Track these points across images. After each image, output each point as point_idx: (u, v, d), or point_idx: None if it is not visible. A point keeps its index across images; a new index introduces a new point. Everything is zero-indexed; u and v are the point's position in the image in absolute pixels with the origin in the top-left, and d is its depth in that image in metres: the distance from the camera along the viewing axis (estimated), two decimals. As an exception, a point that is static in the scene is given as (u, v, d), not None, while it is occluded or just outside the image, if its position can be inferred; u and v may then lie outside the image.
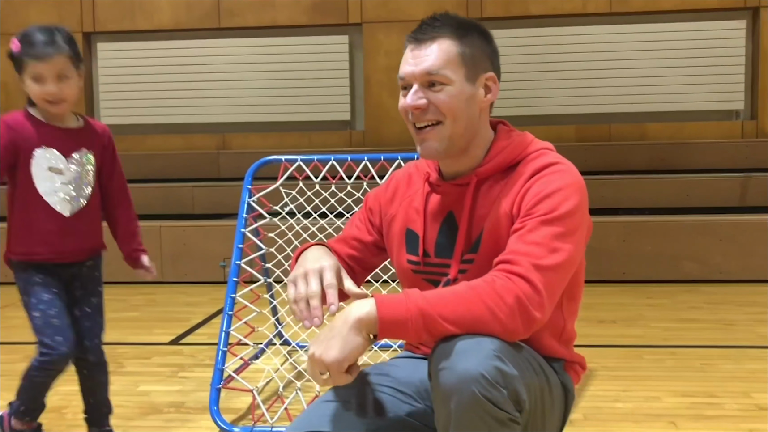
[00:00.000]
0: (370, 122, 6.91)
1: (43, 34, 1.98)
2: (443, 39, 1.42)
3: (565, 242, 1.34)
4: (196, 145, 7.03)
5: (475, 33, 1.46)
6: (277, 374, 2.89)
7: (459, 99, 1.42)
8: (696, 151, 6.38)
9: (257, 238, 2.91)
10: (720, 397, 2.72)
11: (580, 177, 1.43)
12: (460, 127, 1.43)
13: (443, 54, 1.41)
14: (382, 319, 1.25)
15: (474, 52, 1.44)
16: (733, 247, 5.05)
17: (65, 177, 2.08)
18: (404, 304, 1.26)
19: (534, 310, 1.27)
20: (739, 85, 6.56)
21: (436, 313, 1.25)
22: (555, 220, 1.35)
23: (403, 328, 1.25)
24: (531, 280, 1.28)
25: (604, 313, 4.23)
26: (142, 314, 4.48)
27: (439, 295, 1.28)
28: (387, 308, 1.26)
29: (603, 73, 6.63)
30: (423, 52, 1.42)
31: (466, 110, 1.43)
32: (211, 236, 5.44)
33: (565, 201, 1.36)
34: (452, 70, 1.41)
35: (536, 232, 1.34)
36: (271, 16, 6.94)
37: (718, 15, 6.57)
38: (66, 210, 2.09)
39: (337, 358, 1.24)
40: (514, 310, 1.26)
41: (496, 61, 1.49)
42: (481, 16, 6.69)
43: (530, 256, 1.31)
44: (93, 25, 7.07)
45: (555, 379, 1.45)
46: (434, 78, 1.41)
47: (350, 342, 1.25)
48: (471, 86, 1.43)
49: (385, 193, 1.63)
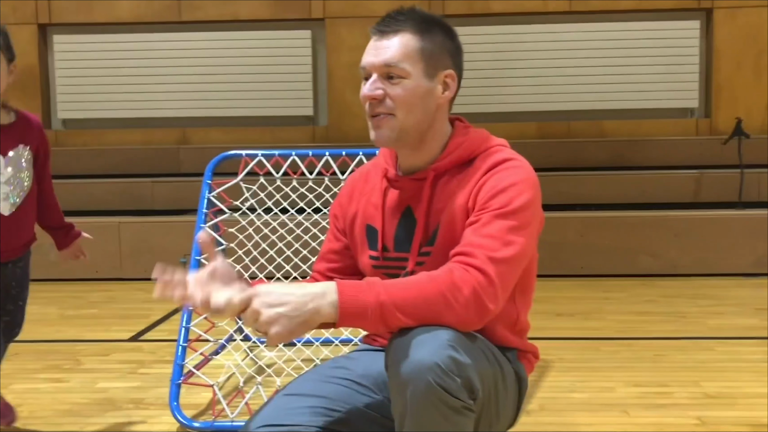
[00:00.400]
0: (333, 117, 6.91)
1: None
2: (405, 33, 1.45)
3: (518, 235, 1.38)
4: (155, 140, 6.94)
5: (439, 29, 1.49)
6: (238, 369, 2.89)
7: (414, 93, 1.45)
8: (652, 148, 6.53)
9: (217, 233, 2.90)
10: (671, 387, 2.81)
11: (534, 173, 1.47)
12: (413, 120, 1.46)
13: (403, 48, 1.44)
14: (343, 308, 1.26)
15: (434, 48, 1.47)
16: (687, 242, 5.19)
17: (2, 176, 2.05)
18: (365, 292, 1.27)
19: (488, 302, 1.31)
20: (694, 84, 6.73)
21: (394, 304, 1.27)
22: (509, 214, 1.39)
23: (362, 317, 1.27)
24: (486, 271, 1.32)
25: (563, 306, 4.31)
26: (100, 311, 4.42)
27: (399, 284, 1.31)
28: (347, 296, 1.27)
29: (563, 70, 6.74)
30: (384, 44, 1.45)
31: (421, 105, 1.46)
32: (171, 232, 5.38)
33: (518, 196, 1.41)
34: (410, 64, 1.44)
35: (491, 225, 1.38)
36: (232, 9, 6.88)
37: (674, 15, 6.73)
38: (6, 209, 2.07)
39: (280, 334, 1.25)
40: (470, 301, 1.30)
41: (458, 58, 1.52)
42: (444, 12, 6.73)
43: (485, 249, 1.35)
44: (49, 17, 6.92)
45: (509, 367, 1.49)
46: (392, 70, 1.44)
47: (299, 327, 1.25)
48: (429, 81, 1.47)
49: (344, 195, 1.66)
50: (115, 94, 6.93)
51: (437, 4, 6.75)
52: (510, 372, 1.49)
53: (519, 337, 1.57)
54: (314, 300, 1.26)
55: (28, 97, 6.96)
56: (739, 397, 2.67)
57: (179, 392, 2.47)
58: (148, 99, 6.93)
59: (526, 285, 1.54)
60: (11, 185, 2.06)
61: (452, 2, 6.76)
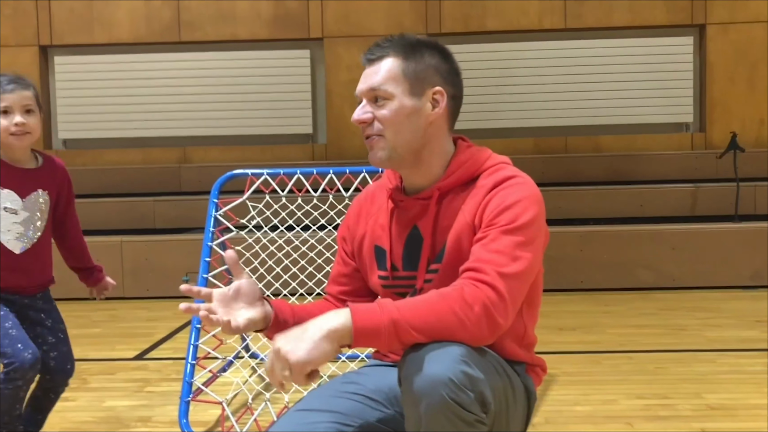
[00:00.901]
0: (331, 135, 6.97)
1: (6, 76, 2.13)
2: (389, 57, 1.52)
3: (526, 251, 1.42)
4: (156, 159, 6.99)
5: (426, 51, 1.53)
6: (246, 386, 2.92)
7: (400, 113, 1.50)
8: (648, 162, 6.61)
9: (224, 251, 2.93)
10: (673, 399, 2.85)
11: (537, 189, 1.51)
12: (403, 138, 1.51)
13: (386, 71, 1.51)
14: (357, 329, 1.30)
15: (419, 67, 1.51)
16: (685, 255, 5.24)
17: (19, 217, 2.14)
18: (378, 314, 1.31)
19: (499, 317, 1.35)
20: (688, 99, 6.82)
21: (407, 323, 1.31)
22: (515, 229, 1.43)
23: (376, 337, 1.31)
24: (496, 287, 1.36)
25: (564, 320, 4.35)
26: (104, 330, 4.44)
27: (411, 304, 1.35)
28: (361, 318, 1.31)
29: (559, 87, 6.82)
30: (371, 71, 1.53)
31: (408, 123, 1.51)
32: (173, 251, 5.42)
33: (524, 212, 1.45)
34: (394, 85, 1.50)
35: (498, 241, 1.42)
36: (231, 29, 6.96)
37: (667, 32, 6.83)
38: (17, 248, 2.15)
39: (303, 359, 1.26)
40: (481, 318, 1.33)
41: (451, 77, 1.55)
42: (440, 31, 6.82)
43: (494, 264, 1.38)
44: (50, 38, 6.99)
45: (518, 381, 1.53)
46: (377, 93, 1.51)
47: (319, 348, 1.28)
48: (415, 100, 1.51)
49: (351, 217, 1.70)
50: (116, 114, 6.99)
51: (434, 21, 6.84)
52: (519, 385, 1.52)
53: (527, 351, 1.60)
54: (329, 324, 1.30)
55: (29, 118, 7.00)
56: (740, 409, 2.71)
57: (188, 409, 2.50)
58: (148, 119, 6.98)
59: (533, 299, 1.58)
60: (24, 227, 2.15)
61: (448, 20, 6.86)
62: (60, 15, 6.98)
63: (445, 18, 6.86)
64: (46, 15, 6.98)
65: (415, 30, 6.76)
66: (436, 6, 6.85)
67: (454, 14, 6.85)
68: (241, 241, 3.16)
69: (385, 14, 6.87)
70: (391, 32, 1.61)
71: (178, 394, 2.79)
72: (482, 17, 6.84)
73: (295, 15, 6.93)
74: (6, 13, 6.97)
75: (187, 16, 6.96)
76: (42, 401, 2.34)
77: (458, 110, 1.59)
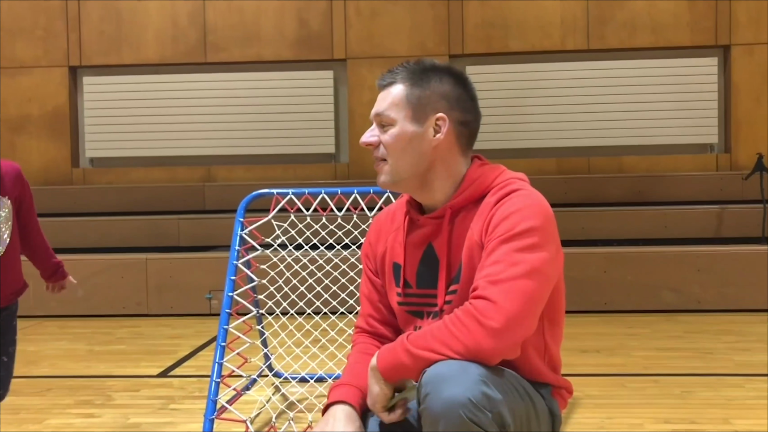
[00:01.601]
0: (354, 155, 7.02)
1: None
2: (397, 84, 1.56)
3: (526, 253, 1.41)
4: (181, 178, 7.08)
5: (435, 77, 1.55)
6: (270, 405, 2.92)
7: (401, 138, 1.54)
8: (672, 183, 6.56)
9: (249, 270, 2.96)
10: (701, 424, 2.80)
11: (543, 201, 1.50)
12: (405, 163, 1.54)
13: (391, 98, 1.56)
14: (381, 367, 1.43)
15: (424, 94, 1.54)
16: (710, 278, 5.18)
17: None
18: (393, 350, 1.42)
19: (489, 320, 1.35)
20: (713, 119, 6.78)
21: (415, 347, 1.39)
22: (513, 237, 1.43)
23: (396, 370, 1.41)
24: (484, 295, 1.38)
25: (587, 342, 4.31)
26: (128, 347, 4.48)
27: (420, 332, 1.42)
28: (383, 358, 1.43)
29: (581, 107, 6.82)
30: (381, 96, 1.58)
31: (410, 148, 1.54)
32: (196, 268, 5.46)
33: (522, 220, 1.44)
34: (396, 111, 1.54)
35: (495, 252, 1.43)
36: (256, 50, 7.07)
37: (692, 52, 6.82)
38: None
39: (371, 404, 1.46)
40: (469, 327, 1.35)
41: (461, 103, 1.56)
42: (463, 52, 6.87)
43: (488, 276, 1.40)
44: (79, 59, 7.14)
45: (542, 404, 1.52)
46: (381, 119, 1.56)
47: (373, 390, 1.45)
48: (417, 126, 1.53)
49: (372, 234, 1.72)
50: (142, 133, 7.10)
51: (456, 43, 6.88)
52: (543, 409, 1.52)
53: (552, 372, 1.60)
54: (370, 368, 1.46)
55: (58, 137, 7.15)
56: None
57: (213, 427, 2.51)
58: (173, 138, 7.09)
59: (555, 318, 1.56)
60: None
61: (471, 42, 6.89)
62: (89, 36, 7.14)
63: (468, 39, 6.91)
64: (76, 36, 7.13)
65: (438, 51, 6.81)
66: (458, 27, 6.90)
67: (477, 35, 6.89)
68: (266, 260, 3.18)
69: (408, 36, 6.93)
70: (413, 53, 1.64)
71: (202, 411, 2.81)
72: (505, 38, 6.87)
73: (319, 36, 7.02)
74: (38, 34, 7.14)
75: (213, 37, 7.08)
76: None
77: (473, 134, 1.59)
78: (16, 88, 7.11)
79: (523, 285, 1.38)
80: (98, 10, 7.12)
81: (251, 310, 2.94)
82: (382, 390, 1.43)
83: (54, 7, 7.12)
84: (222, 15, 7.07)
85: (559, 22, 6.84)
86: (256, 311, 3.10)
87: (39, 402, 3.23)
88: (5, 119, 7.13)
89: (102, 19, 7.12)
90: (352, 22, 6.98)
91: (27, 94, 7.11)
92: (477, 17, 6.88)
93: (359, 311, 1.74)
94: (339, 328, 3.20)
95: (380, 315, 1.68)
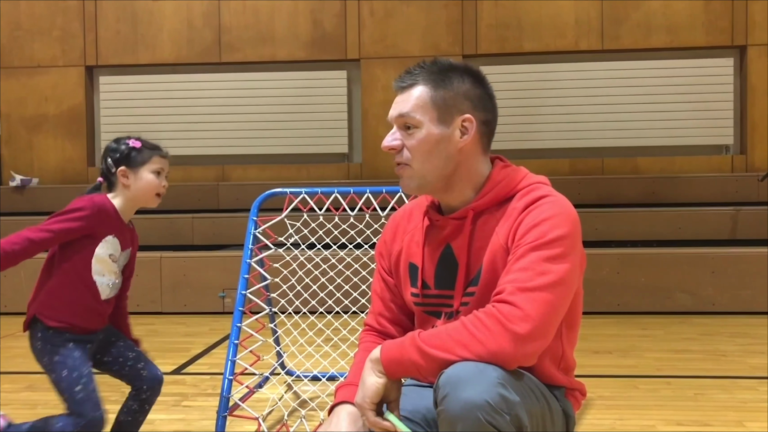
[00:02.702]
0: (367, 155, 7.03)
1: (154, 143, 2.30)
2: (419, 85, 1.52)
3: (554, 264, 1.41)
4: (195, 177, 7.12)
5: (456, 77, 1.53)
6: (282, 402, 2.94)
7: (427, 142, 1.51)
8: (687, 184, 6.52)
9: (263, 268, 2.98)
10: (714, 426, 2.79)
11: (572, 208, 1.50)
12: (431, 167, 1.52)
13: (414, 99, 1.52)
14: (384, 359, 1.40)
15: (448, 95, 1.51)
16: (725, 280, 5.14)
17: (115, 266, 2.23)
18: (401, 344, 1.38)
19: (515, 326, 1.34)
20: (728, 120, 6.73)
21: (428, 346, 1.36)
22: (543, 245, 1.42)
23: (402, 365, 1.38)
24: (511, 301, 1.36)
25: (600, 343, 4.29)
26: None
27: (433, 331, 1.39)
28: (387, 350, 1.40)
29: (595, 108, 6.79)
30: (402, 98, 1.54)
31: (437, 152, 1.51)
32: (210, 267, 5.50)
33: (553, 228, 1.43)
34: (421, 113, 1.51)
35: (524, 259, 1.42)
36: (270, 51, 7.10)
37: (707, 53, 6.78)
38: (104, 293, 2.22)
39: (359, 396, 1.41)
40: (493, 330, 1.34)
41: (483, 102, 1.55)
42: (476, 52, 6.86)
43: (516, 282, 1.39)
44: (96, 59, 7.20)
45: (556, 405, 1.52)
46: (406, 120, 1.52)
47: (366, 381, 1.40)
48: (443, 128, 1.51)
49: (388, 233, 1.71)
50: (157, 132, 7.13)
51: (470, 43, 6.88)
52: (558, 410, 1.52)
53: (566, 374, 1.60)
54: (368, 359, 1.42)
55: (74, 136, 7.22)
56: (784, 438, 2.64)
57: (225, 424, 2.53)
58: (188, 137, 7.14)
59: (572, 321, 1.57)
60: (117, 278, 2.25)
61: (485, 42, 6.89)
62: (106, 37, 7.20)
63: (482, 39, 6.90)
64: (92, 37, 7.20)
65: (452, 51, 6.82)
66: (472, 27, 6.90)
67: (491, 36, 6.88)
68: (279, 259, 3.20)
69: (422, 36, 6.94)
70: (427, 53, 1.63)
71: (214, 408, 2.83)
72: (519, 39, 6.86)
73: (333, 36, 7.04)
74: (55, 35, 7.22)
75: (228, 37, 7.12)
76: (138, 415, 2.34)
77: (492, 133, 1.58)
78: (34, 88, 7.19)
79: (549, 296, 1.37)
80: (114, 11, 7.18)
81: (264, 308, 2.97)
82: (376, 383, 1.39)
83: (71, 8, 7.19)
84: (236, 15, 7.11)
85: (573, 23, 6.82)
86: (269, 309, 3.12)
87: (54, 397, 3.25)
88: (23, 118, 7.20)
89: (118, 19, 7.18)
90: (365, 23, 7.00)
91: (44, 93, 7.19)
92: (491, 17, 6.87)
93: (370, 309, 1.74)
94: (351, 326, 3.21)
95: (391, 314, 1.68)
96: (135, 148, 2.23)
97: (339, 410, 1.50)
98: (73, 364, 2.13)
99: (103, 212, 2.18)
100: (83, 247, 2.16)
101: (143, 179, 2.22)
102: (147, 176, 2.22)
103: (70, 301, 2.16)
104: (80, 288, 2.16)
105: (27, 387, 3.45)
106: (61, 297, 2.16)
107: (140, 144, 2.25)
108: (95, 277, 2.18)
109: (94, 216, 2.15)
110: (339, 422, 1.47)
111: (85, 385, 2.11)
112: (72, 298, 2.16)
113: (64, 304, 2.16)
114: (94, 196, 2.21)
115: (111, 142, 2.28)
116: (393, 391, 1.41)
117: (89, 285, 2.17)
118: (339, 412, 1.49)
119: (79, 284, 2.16)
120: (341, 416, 1.48)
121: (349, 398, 1.50)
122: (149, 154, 2.24)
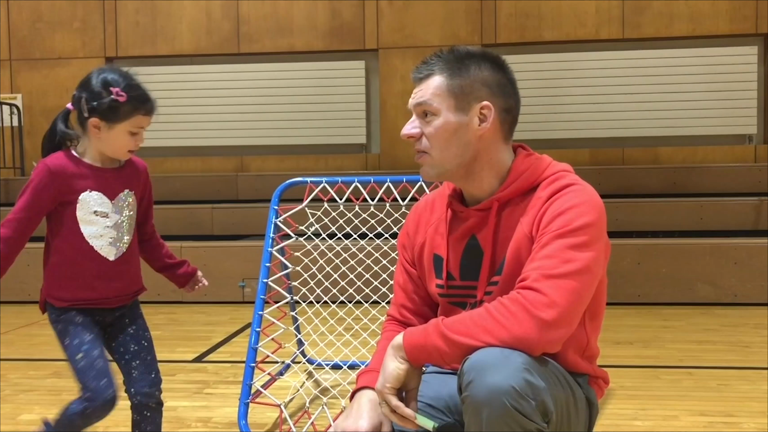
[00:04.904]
0: (385, 145, 7.02)
1: (145, 89, 2.01)
2: (436, 75, 1.52)
3: (580, 251, 1.40)
4: (214, 168, 7.16)
5: (473, 64, 1.52)
6: (303, 390, 2.95)
7: (445, 129, 1.50)
8: (709, 174, 6.44)
9: (284, 257, 2.99)
10: (738, 417, 2.76)
11: (597, 197, 1.49)
12: (450, 154, 1.51)
13: (432, 88, 1.51)
14: (407, 345, 1.39)
15: (466, 83, 1.50)
16: (747, 271, 5.08)
17: (110, 220, 2.01)
18: (424, 330, 1.38)
19: (540, 312, 1.33)
20: (752, 110, 6.64)
21: (452, 332, 1.36)
22: (568, 233, 1.41)
23: (425, 351, 1.37)
24: (536, 287, 1.36)
25: (621, 334, 4.27)
26: (164, 333, 4.56)
27: (457, 317, 1.39)
28: (410, 336, 1.40)
29: (616, 97, 6.73)
30: (420, 87, 1.54)
31: (455, 139, 1.51)
32: (230, 257, 5.53)
33: (579, 216, 1.43)
34: (439, 101, 1.50)
35: (549, 246, 1.41)
36: (289, 41, 7.10)
37: (730, 41, 6.68)
38: (111, 254, 2.02)
39: (380, 382, 1.40)
40: (518, 316, 1.33)
41: (502, 89, 1.53)
42: (495, 42, 6.82)
43: (541, 269, 1.38)
44: (116, 51, 7.25)
45: (580, 392, 1.52)
46: (424, 108, 1.52)
47: (387, 367, 1.39)
48: (461, 116, 1.50)
49: (411, 225, 1.71)
50: (177, 123, 7.20)
51: (489, 32, 6.84)
52: (581, 397, 1.52)
53: (589, 363, 1.59)
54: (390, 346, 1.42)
55: (95, 127, 7.29)
56: (809, 429, 2.61)
57: (247, 411, 2.54)
58: (207, 128, 7.17)
59: (596, 310, 1.56)
60: (116, 230, 2.03)
61: (504, 31, 6.84)
62: (125, 28, 7.25)
63: (501, 29, 6.85)
64: (112, 28, 7.25)
65: (471, 41, 6.78)
66: (491, 17, 6.85)
67: (510, 25, 6.83)
68: (300, 248, 3.21)
69: (440, 25, 6.90)
70: (446, 43, 1.62)
71: (236, 396, 2.86)
72: (538, 28, 6.80)
73: (351, 27, 7.02)
74: (75, 26, 7.27)
75: (246, 28, 7.14)
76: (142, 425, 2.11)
77: (515, 120, 1.57)
78: (55, 79, 7.26)
79: (574, 283, 1.37)
80: (134, 3, 7.22)
81: (285, 296, 2.98)
82: (398, 369, 1.38)
83: (91, 0, 7.23)
84: (255, 6, 7.12)
85: (593, 11, 6.75)
86: (290, 297, 3.13)
87: (71, 384, 3.29)
88: (44, 110, 7.27)
89: (138, 11, 7.22)
90: (384, 13, 6.97)
91: (65, 84, 7.25)
92: (510, 6, 6.82)
93: (392, 299, 1.74)
94: (371, 315, 3.22)
95: (413, 305, 1.68)
96: (117, 101, 1.93)
97: (360, 396, 1.50)
98: (75, 330, 1.97)
99: (59, 175, 1.94)
100: (63, 218, 1.96)
101: (115, 138, 1.95)
102: (120, 136, 1.95)
103: (72, 276, 1.98)
104: (78, 260, 1.97)
105: (52, 374, 3.50)
106: (63, 275, 1.99)
107: (125, 98, 1.94)
108: (92, 241, 1.97)
109: (49, 184, 1.93)
110: (360, 408, 1.47)
111: (87, 351, 1.93)
112: (73, 272, 1.98)
113: (67, 281, 1.99)
114: (47, 160, 1.98)
115: (96, 77, 1.98)
116: (413, 379, 1.41)
117: (87, 253, 1.97)
118: (360, 398, 1.50)
119: (77, 256, 1.97)
120: (362, 402, 1.48)
121: (370, 383, 1.50)
122: (131, 110, 1.94)
